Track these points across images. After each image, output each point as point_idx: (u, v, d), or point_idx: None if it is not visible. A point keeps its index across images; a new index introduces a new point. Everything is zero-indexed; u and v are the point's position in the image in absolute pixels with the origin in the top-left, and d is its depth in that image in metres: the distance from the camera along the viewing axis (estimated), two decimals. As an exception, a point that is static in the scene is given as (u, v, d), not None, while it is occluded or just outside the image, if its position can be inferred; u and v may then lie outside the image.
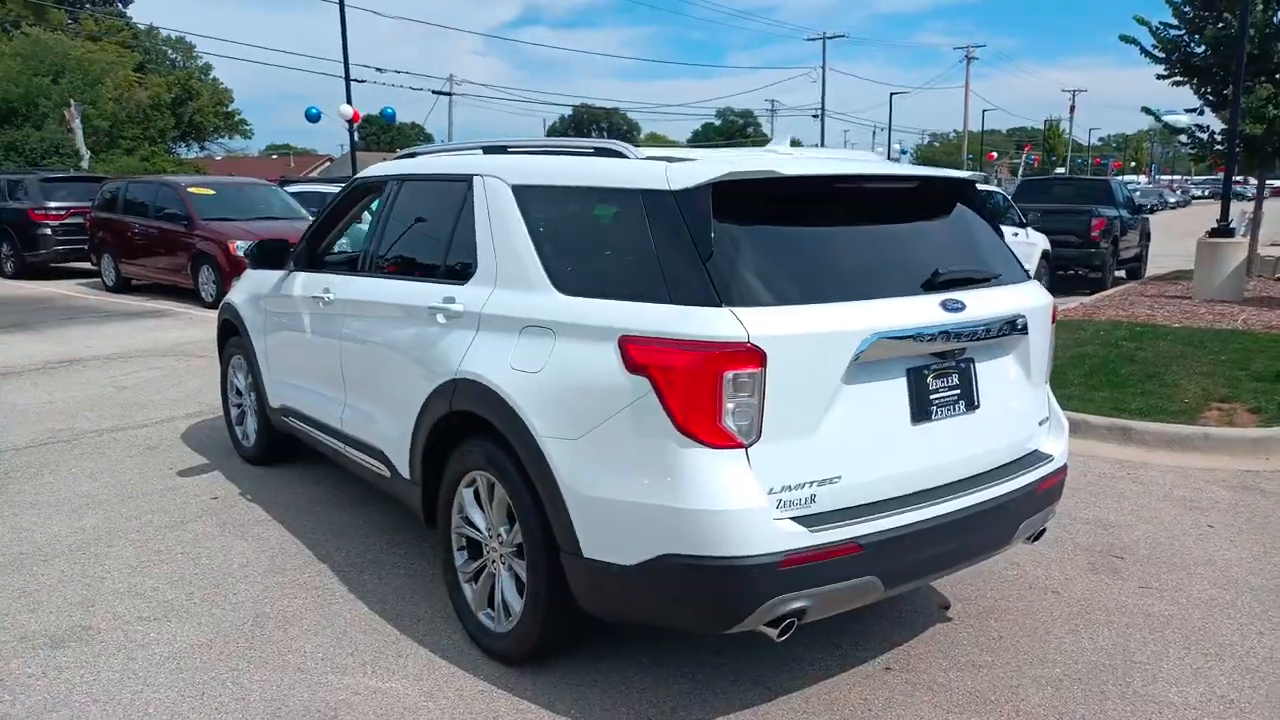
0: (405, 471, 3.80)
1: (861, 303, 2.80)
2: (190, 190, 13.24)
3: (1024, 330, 3.24)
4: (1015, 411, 3.31)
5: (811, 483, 2.73)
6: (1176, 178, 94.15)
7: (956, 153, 75.12)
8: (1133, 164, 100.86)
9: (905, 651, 3.50)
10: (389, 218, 4.23)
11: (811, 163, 3.10)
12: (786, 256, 2.84)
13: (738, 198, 2.80)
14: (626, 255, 2.96)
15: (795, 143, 3.99)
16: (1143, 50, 16.19)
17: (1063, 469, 3.46)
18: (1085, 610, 3.84)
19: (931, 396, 2.99)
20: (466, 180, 3.66)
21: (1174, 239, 23.45)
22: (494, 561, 3.35)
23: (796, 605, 2.70)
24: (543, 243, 3.22)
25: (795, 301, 2.72)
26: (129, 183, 14.60)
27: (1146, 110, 17.41)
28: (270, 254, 5.03)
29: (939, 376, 3.01)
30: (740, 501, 2.62)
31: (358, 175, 4.75)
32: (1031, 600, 3.93)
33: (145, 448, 6.13)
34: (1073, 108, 74.57)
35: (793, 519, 2.70)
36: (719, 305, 2.64)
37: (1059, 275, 15.58)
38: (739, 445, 2.64)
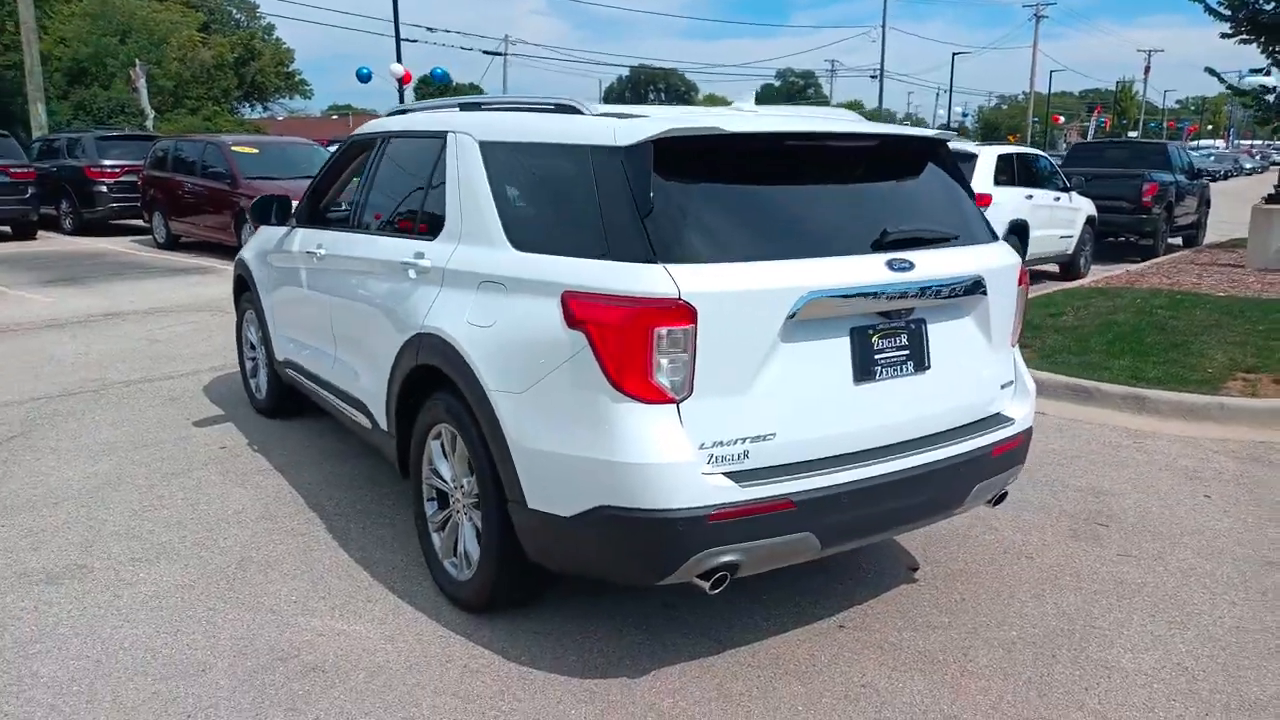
0: (383, 423, 3.91)
1: (798, 261, 2.80)
2: (234, 149, 13.54)
3: (982, 292, 3.20)
4: (973, 374, 3.28)
5: (744, 439, 2.76)
6: (1257, 143, 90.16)
7: (1022, 115, 72.90)
8: (1209, 128, 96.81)
9: (863, 610, 3.52)
10: (375, 174, 4.31)
11: (757, 120, 3.08)
12: (727, 214, 2.85)
13: (682, 155, 2.80)
14: (575, 211, 2.99)
15: (804, 97, 3.95)
16: (1207, 8, 15.52)
17: (1024, 433, 3.43)
18: (1055, 576, 3.82)
19: (876, 356, 2.98)
20: (441, 137, 3.71)
21: (1244, 205, 22.58)
22: (458, 512, 3.45)
23: (727, 559, 2.74)
24: (502, 199, 3.27)
25: (731, 259, 2.73)
26: (178, 141, 14.98)
27: (1210, 71, 16.72)
28: (272, 210, 5.15)
29: (886, 336, 3.00)
30: (669, 455, 2.66)
31: (354, 132, 4.84)
32: (1003, 565, 3.92)
33: (167, 398, 6.37)
34: (1147, 69, 71.69)
35: (725, 474, 2.73)
36: (653, 261, 2.66)
37: (1109, 242, 15.17)
38: (670, 400, 2.67)
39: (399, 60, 24.74)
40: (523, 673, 3.08)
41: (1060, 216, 12.06)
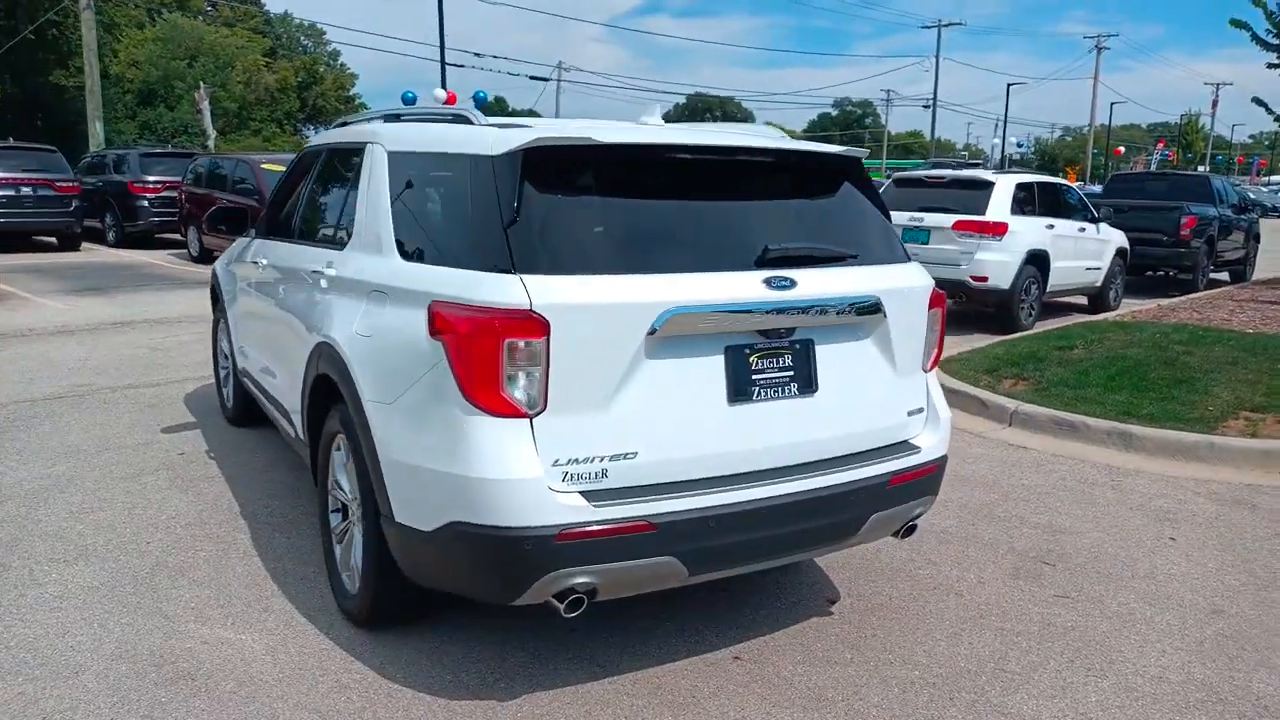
0: (300, 433, 3.90)
1: (664, 276, 2.71)
2: (263, 167, 13.85)
3: (880, 313, 3.08)
4: (870, 399, 3.15)
5: (603, 457, 2.67)
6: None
7: (1083, 147, 71.43)
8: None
9: (765, 643, 3.38)
10: (311, 186, 4.34)
11: (634, 131, 3.01)
12: (595, 226, 2.78)
13: (553, 165, 2.75)
14: (452, 220, 2.95)
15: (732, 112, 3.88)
16: (1254, 37, 15.07)
17: (933, 463, 3.28)
18: (981, 615, 3.64)
19: (754, 377, 2.87)
20: (361, 148, 3.71)
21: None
22: (353, 524, 3.41)
23: (580, 581, 2.65)
24: (397, 208, 3.24)
25: (593, 271, 2.66)
26: (214, 159, 15.39)
27: (1257, 101, 16.19)
28: (227, 220, 5.22)
29: (766, 357, 2.89)
30: (517, 471, 2.58)
31: (306, 145, 4.89)
32: (929, 601, 3.75)
33: (147, 405, 6.47)
34: (1215, 102, 69.82)
35: (582, 493, 2.64)
36: (511, 272, 2.60)
37: (1148, 276, 14.71)
38: (523, 415, 2.60)
39: (443, 85, 25.17)
40: (391, 690, 3.01)
41: (1086, 248, 11.72)
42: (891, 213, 11.26)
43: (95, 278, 13.13)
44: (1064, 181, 12.55)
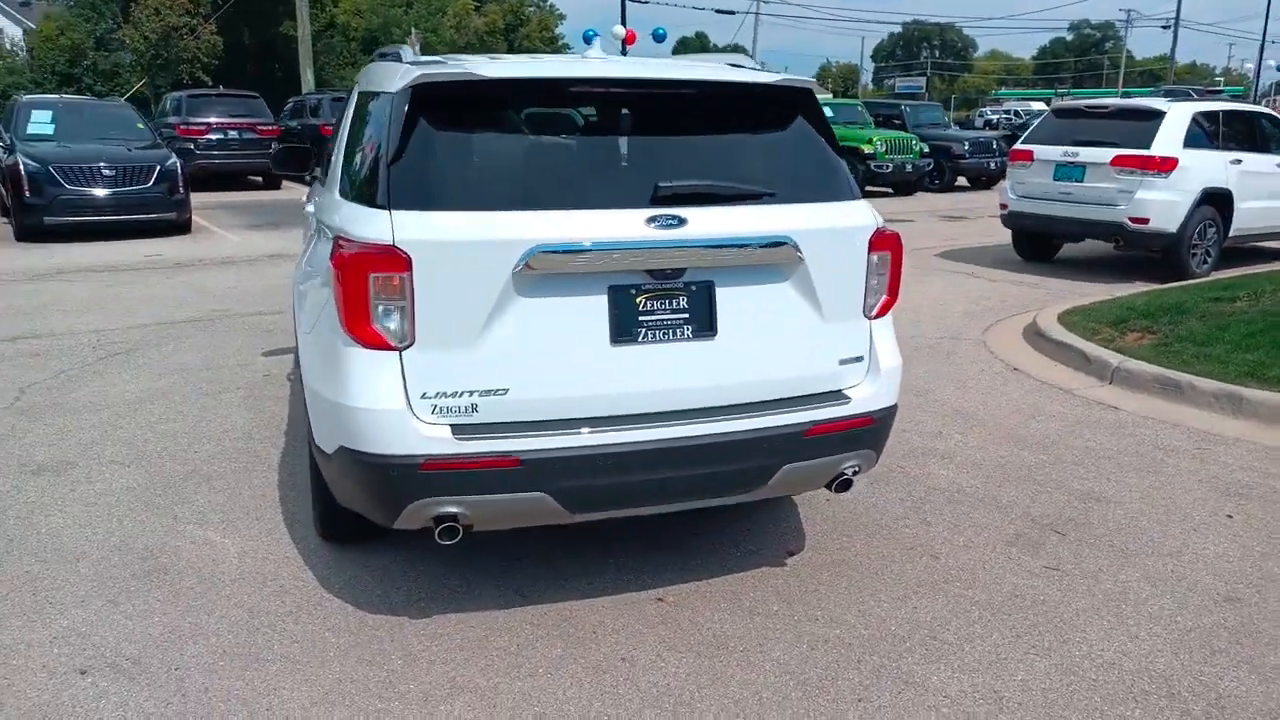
0: (305, 361, 4.19)
1: (535, 213, 2.69)
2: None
3: (793, 255, 2.90)
4: (788, 345, 2.99)
5: (473, 392, 2.72)
6: None
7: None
8: None
9: (697, 588, 3.35)
10: (345, 129, 4.55)
11: (530, 65, 2.96)
12: (475, 162, 2.79)
13: (445, 101, 2.77)
14: (367, 156, 3.05)
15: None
16: None
17: (866, 416, 3.08)
18: (944, 580, 3.42)
19: (640, 318, 2.80)
20: (352, 90, 3.87)
21: None
22: (318, 444, 3.65)
23: (449, 510, 2.73)
24: (349, 146, 3.38)
25: (462, 207, 2.68)
26: (328, 99, 16.29)
27: None
28: (290, 159, 5.57)
29: (657, 298, 2.81)
30: (384, 402, 2.68)
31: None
32: (897, 561, 3.55)
33: (264, 330, 7.11)
34: None
35: (452, 425, 2.71)
36: (384, 208, 2.67)
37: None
38: (391, 348, 2.69)
39: (623, 22, 25.25)
40: (322, 599, 3.25)
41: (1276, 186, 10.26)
42: (1044, 147, 10.34)
43: (278, 214, 14.36)
44: (1267, 110, 10.98)
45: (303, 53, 24.78)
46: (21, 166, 10.86)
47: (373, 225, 2.65)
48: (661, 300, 2.81)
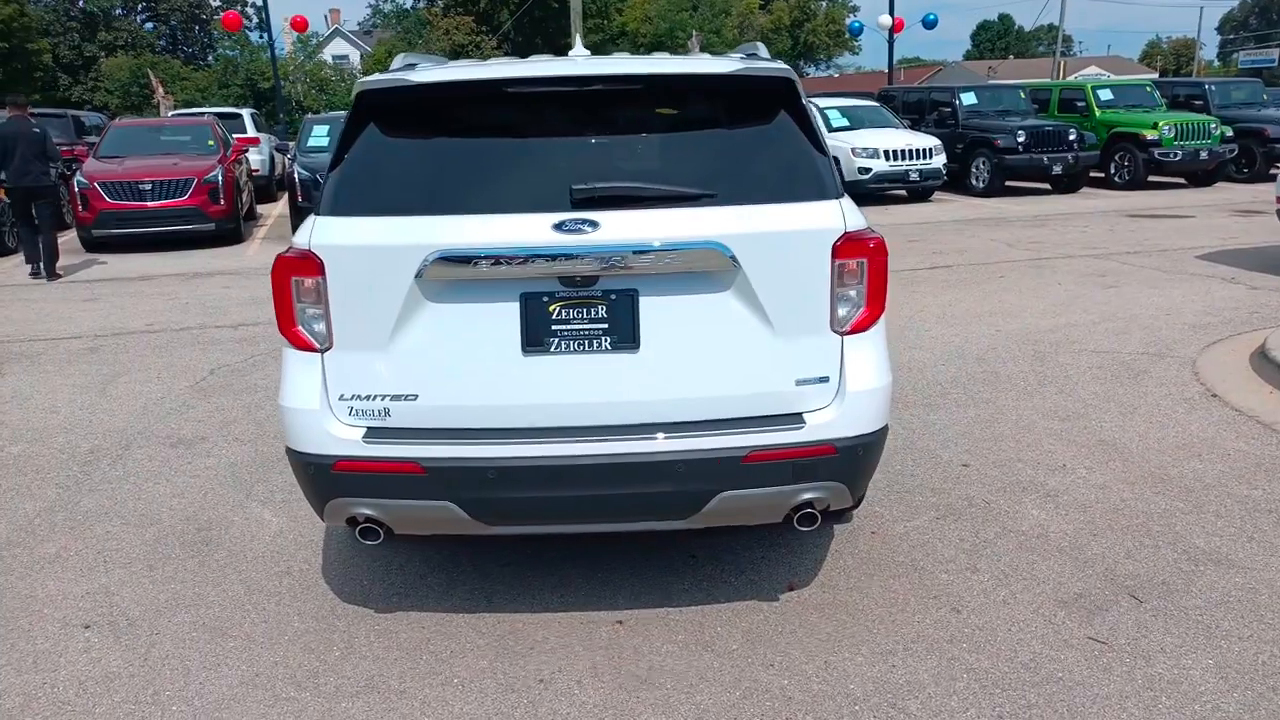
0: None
1: (436, 218, 2.63)
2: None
3: (729, 262, 2.61)
4: (729, 361, 2.70)
5: (384, 396, 2.72)
6: None
7: None
8: None
9: (666, 614, 3.13)
10: None
11: (461, 69, 2.87)
12: (398, 168, 2.77)
13: (381, 107, 2.80)
14: None
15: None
16: None
17: (828, 445, 2.71)
18: (948, 639, 2.94)
19: (554, 327, 2.65)
20: None
21: None
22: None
23: (363, 511, 2.76)
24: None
25: (377, 213, 2.69)
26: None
27: None
28: None
29: (573, 306, 2.65)
30: (304, 402, 2.76)
31: None
32: (906, 610, 3.12)
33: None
34: None
35: (368, 428, 2.74)
36: (322, 214, 2.76)
37: None
38: (314, 349, 2.76)
39: (891, 10, 24.18)
40: (313, 583, 3.42)
41: None
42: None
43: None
44: None
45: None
46: (295, 174, 12.40)
47: (303, 232, 2.74)
48: (577, 309, 2.66)
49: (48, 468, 4.63)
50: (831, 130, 15.27)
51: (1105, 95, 17.00)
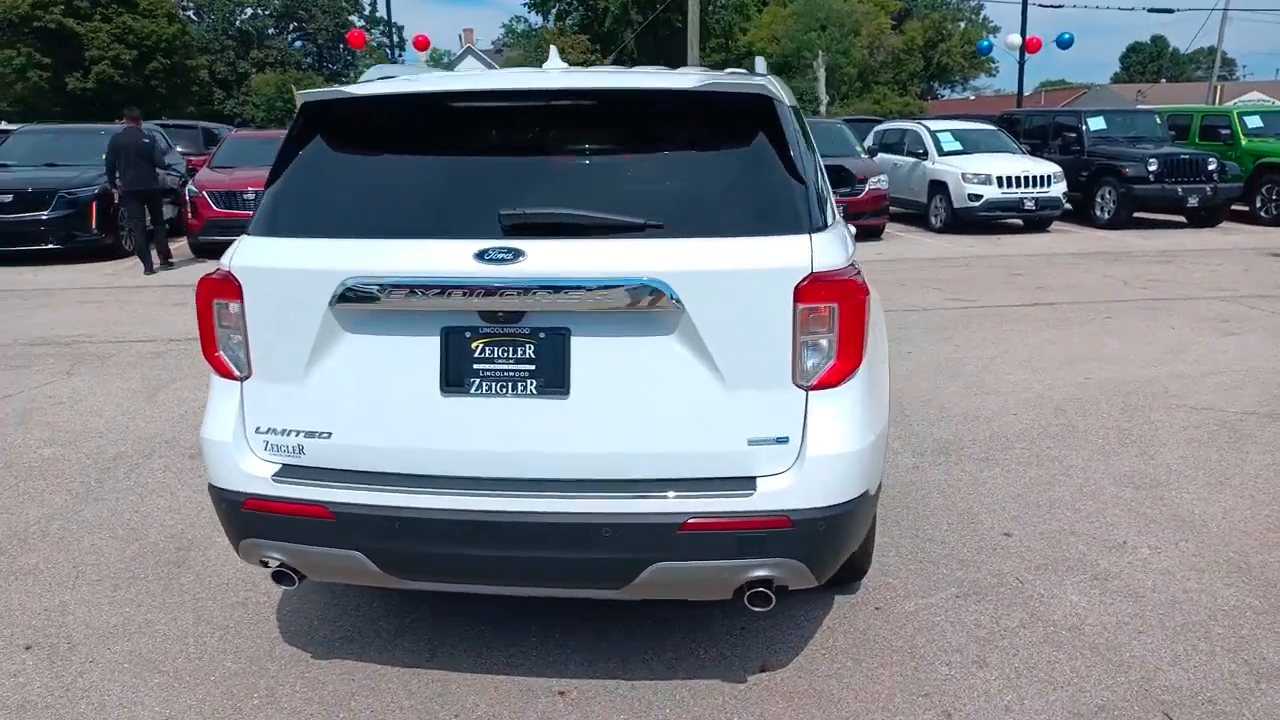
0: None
1: (353, 241, 2.40)
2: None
3: (668, 302, 2.29)
4: (671, 414, 2.36)
5: (299, 432, 2.51)
6: None
7: None
8: None
9: (616, 688, 2.81)
10: None
11: (408, 81, 2.64)
12: (325, 185, 2.55)
13: (318, 121, 2.62)
14: None
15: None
16: None
17: (782, 517, 2.34)
18: (928, 750, 2.52)
19: (475, 366, 2.38)
20: None
21: None
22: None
23: (272, 555, 2.56)
24: None
25: (298, 234, 2.48)
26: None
27: None
28: None
29: (497, 344, 2.38)
30: (219, 433, 2.58)
31: None
32: (885, 707, 2.70)
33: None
34: None
35: (282, 465, 2.54)
36: (249, 233, 2.59)
37: None
38: (234, 377, 2.58)
39: (1023, 31, 23.05)
40: (264, 618, 3.24)
41: None
42: None
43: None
44: None
45: (691, 80, 26.04)
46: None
47: (229, 253, 2.57)
48: (502, 347, 2.39)
49: (68, 473, 4.67)
50: (942, 154, 14.56)
51: (1253, 122, 15.63)
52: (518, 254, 2.31)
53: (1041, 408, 5.57)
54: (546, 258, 2.31)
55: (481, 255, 2.32)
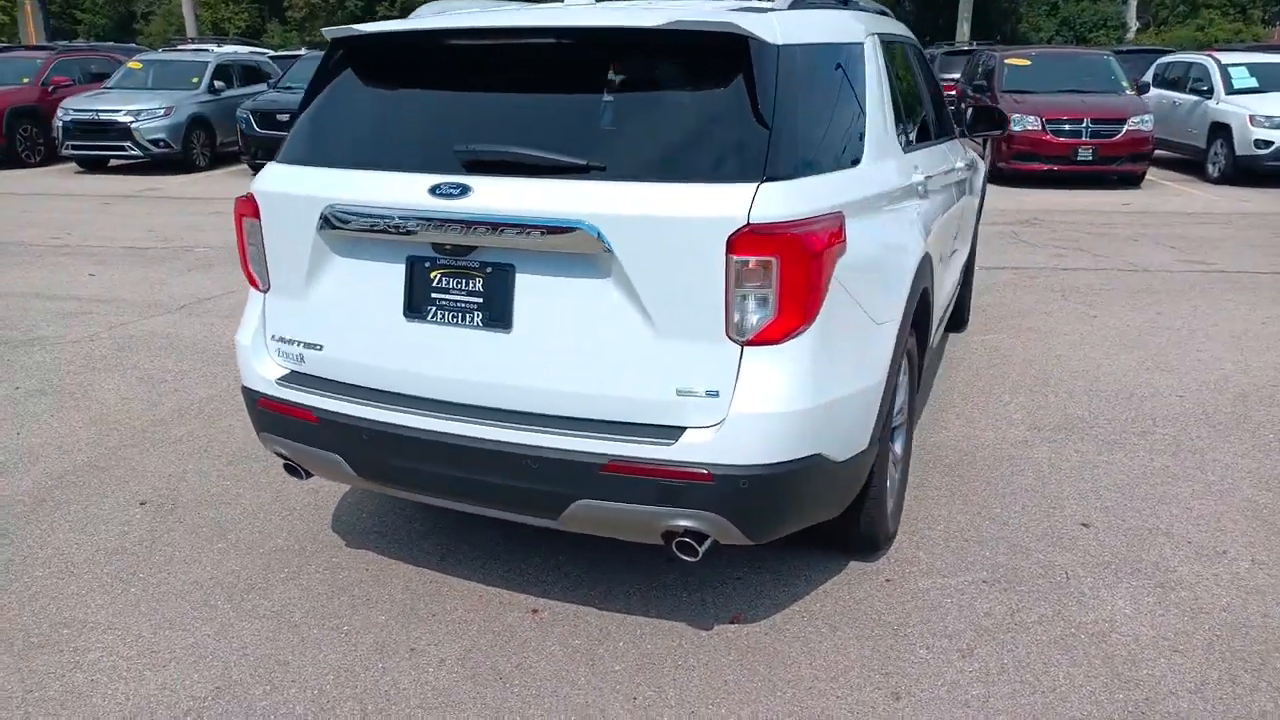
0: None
1: (337, 171, 2.59)
2: (1006, 60, 13.23)
3: (597, 245, 2.28)
4: (601, 357, 2.38)
5: (300, 342, 2.78)
6: None
7: None
8: None
9: (581, 614, 2.92)
10: None
11: (428, 19, 2.74)
12: (335, 118, 2.77)
13: (340, 57, 2.83)
14: None
15: None
16: None
17: (702, 470, 2.30)
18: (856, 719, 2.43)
19: (433, 295, 2.52)
20: None
21: None
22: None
23: (278, 449, 2.88)
24: None
25: (305, 163, 2.72)
26: (986, 53, 15.12)
27: None
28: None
29: (452, 276, 2.49)
30: (245, 338, 2.92)
31: None
32: (840, 678, 2.61)
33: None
34: None
35: (290, 370, 2.84)
36: (275, 160, 2.86)
37: None
38: (260, 290, 2.89)
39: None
40: (264, 535, 3.66)
41: None
42: None
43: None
44: None
45: (963, 3, 24.18)
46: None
47: (257, 176, 2.87)
48: (455, 279, 2.51)
49: (243, 361, 5.37)
50: (1231, 92, 12.63)
51: None
52: (465, 189, 2.41)
53: (1222, 392, 4.89)
54: (490, 194, 2.39)
55: (434, 190, 2.44)
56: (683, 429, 2.37)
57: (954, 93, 16.21)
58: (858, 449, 2.63)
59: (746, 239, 2.24)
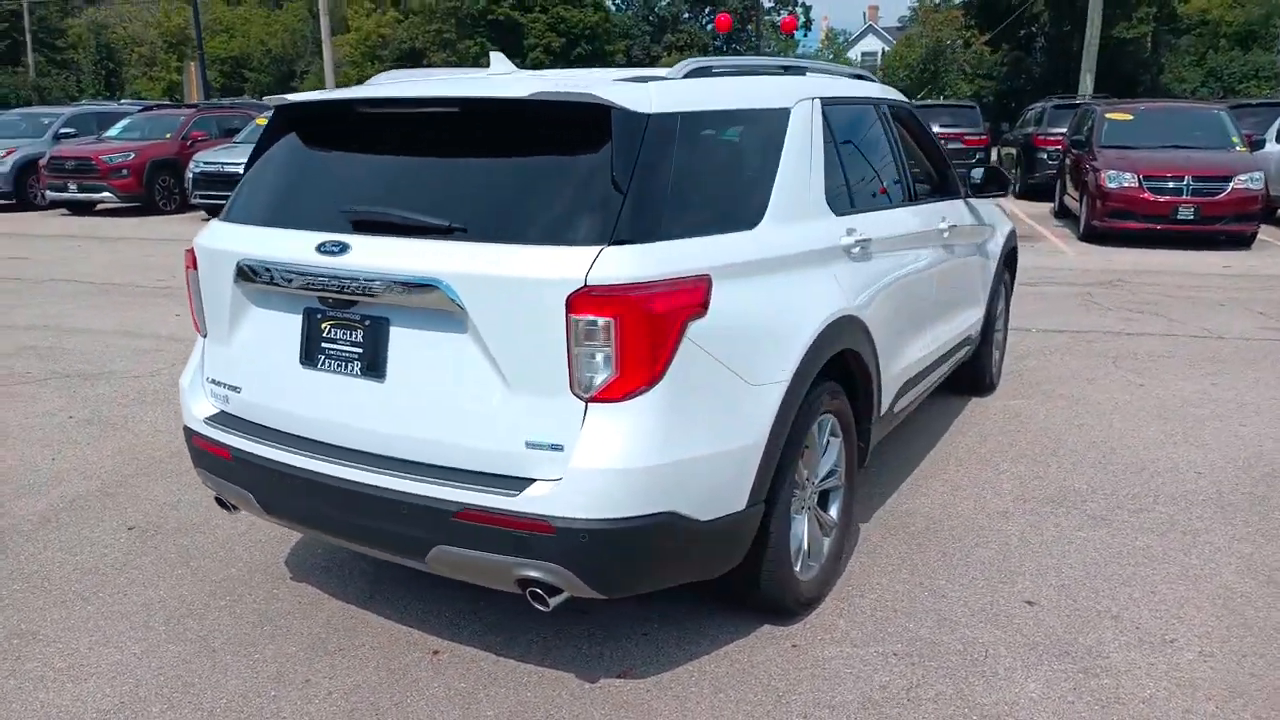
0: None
1: (246, 227, 2.84)
2: (1107, 115, 12.75)
3: (451, 303, 2.41)
4: (459, 408, 2.50)
5: (225, 384, 3.01)
6: None
7: None
8: None
9: (479, 659, 3.00)
10: None
11: (355, 90, 2.96)
12: (264, 178, 3.01)
13: (279, 122, 3.09)
14: None
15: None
16: None
17: (536, 520, 2.36)
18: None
19: (324, 345, 2.70)
20: None
21: None
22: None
23: (208, 483, 3.11)
24: None
25: (234, 220, 2.97)
26: (1085, 108, 14.57)
27: None
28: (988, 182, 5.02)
29: (339, 327, 2.67)
30: (186, 380, 3.18)
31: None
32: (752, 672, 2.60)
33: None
34: None
35: (220, 410, 3.07)
36: (219, 219, 3.13)
37: None
38: (201, 335, 3.15)
39: None
40: (233, 558, 3.87)
41: None
42: None
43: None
44: None
45: (1087, 54, 23.41)
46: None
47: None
48: (342, 329, 2.68)
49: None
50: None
51: None
52: (344, 247, 2.59)
53: (1248, 470, 4.57)
54: (366, 252, 2.57)
55: (319, 247, 2.64)
56: (530, 480, 2.45)
57: (1059, 147, 15.72)
58: (729, 509, 2.63)
59: (584, 299, 2.32)
